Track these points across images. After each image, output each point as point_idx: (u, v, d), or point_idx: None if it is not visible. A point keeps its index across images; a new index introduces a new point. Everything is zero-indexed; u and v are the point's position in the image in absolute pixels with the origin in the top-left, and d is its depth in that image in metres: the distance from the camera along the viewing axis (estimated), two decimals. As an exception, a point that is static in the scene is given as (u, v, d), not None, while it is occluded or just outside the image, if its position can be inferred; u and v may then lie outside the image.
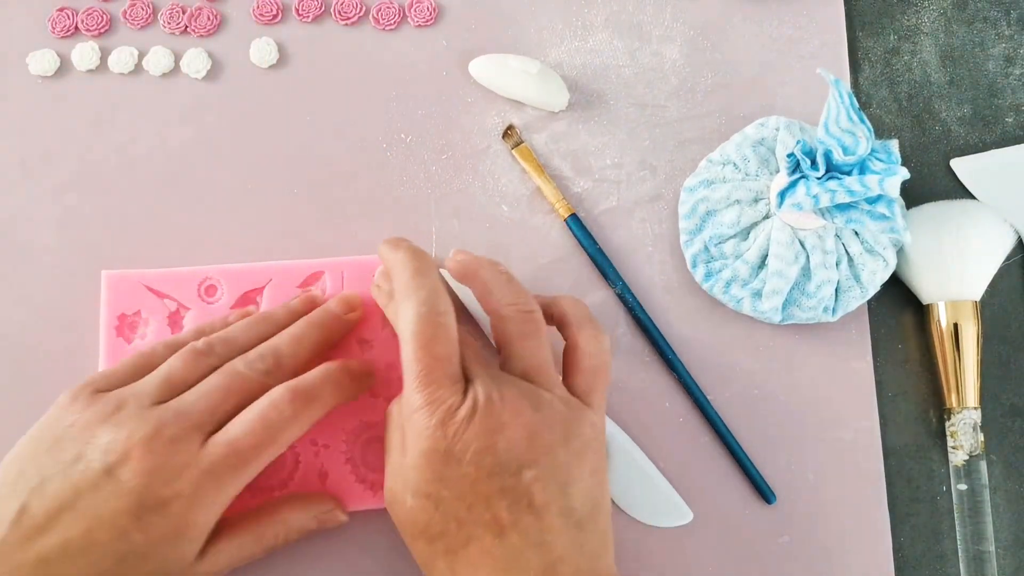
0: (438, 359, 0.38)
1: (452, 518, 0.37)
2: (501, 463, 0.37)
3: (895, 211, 0.45)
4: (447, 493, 0.37)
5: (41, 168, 0.50)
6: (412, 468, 0.38)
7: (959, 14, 0.53)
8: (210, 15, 0.52)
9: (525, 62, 0.49)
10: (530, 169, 0.49)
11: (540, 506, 0.37)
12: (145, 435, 0.38)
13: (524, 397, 0.39)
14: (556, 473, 0.38)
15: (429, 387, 0.38)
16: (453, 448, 0.37)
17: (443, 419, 0.37)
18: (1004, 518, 0.48)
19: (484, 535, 0.37)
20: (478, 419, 0.37)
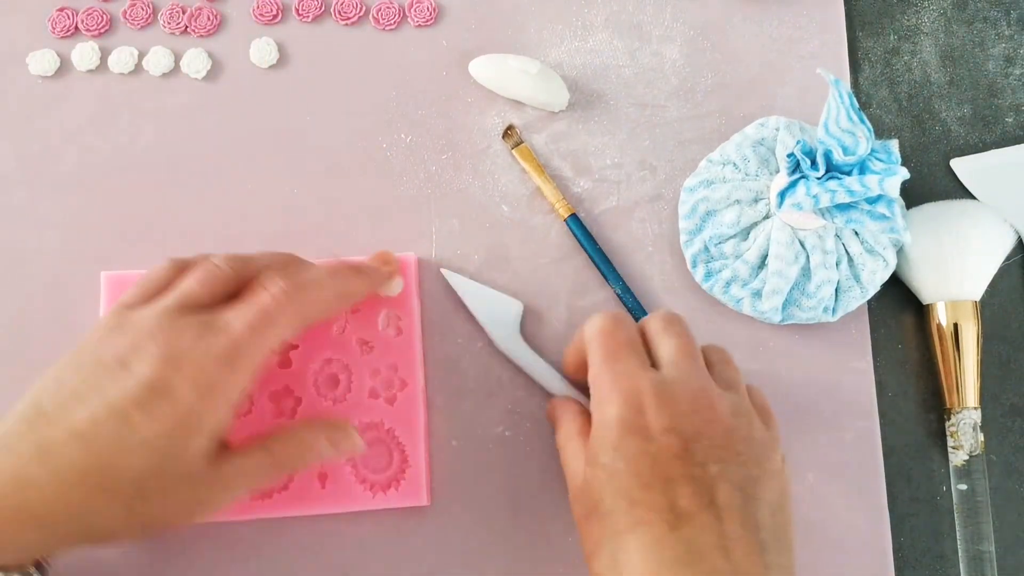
0: (620, 343, 0.39)
1: (624, 495, 0.35)
2: (685, 448, 0.35)
3: (895, 211, 0.45)
4: (622, 465, 0.36)
5: (41, 168, 0.50)
6: (593, 440, 0.37)
7: (959, 14, 0.53)
8: (210, 15, 0.52)
9: (525, 62, 0.49)
10: (530, 169, 0.49)
11: (723, 505, 0.35)
12: (157, 326, 0.38)
13: (727, 398, 0.38)
14: (746, 482, 0.36)
15: (614, 364, 0.38)
16: (639, 421, 0.36)
17: (630, 391, 0.37)
18: (1004, 518, 0.48)
19: (658, 521, 0.34)
20: (666, 397, 0.37)
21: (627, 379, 0.38)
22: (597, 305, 0.49)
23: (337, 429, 0.42)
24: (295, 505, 0.45)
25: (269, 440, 0.41)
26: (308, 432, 0.42)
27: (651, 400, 0.37)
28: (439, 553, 0.46)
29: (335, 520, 0.46)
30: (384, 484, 0.45)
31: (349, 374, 0.46)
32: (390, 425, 0.46)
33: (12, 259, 0.49)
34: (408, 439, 0.46)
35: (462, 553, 0.46)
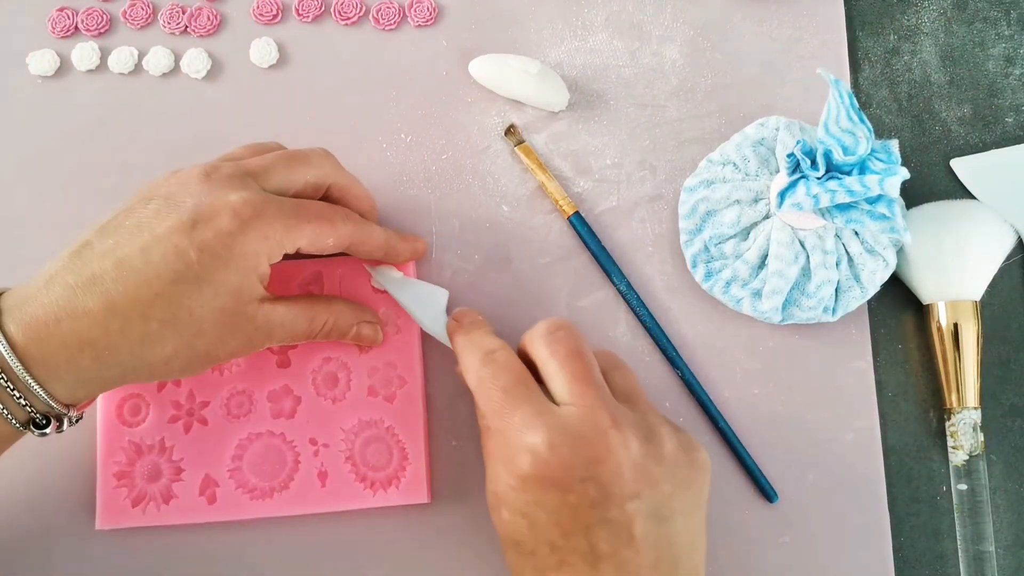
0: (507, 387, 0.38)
1: (545, 541, 0.37)
2: (607, 495, 0.36)
3: (895, 211, 0.45)
4: (544, 517, 0.36)
5: (41, 168, 0.50)
6: (510, 489, 0.37)
7: (959, 14, 0.53)
8: (210, 15, 0.52)
9: (525, 62, 0.49)
10: (532, 167, 0.49)
11: (640, 538, 0.36)
12: (203, 170, 0.40)
13: (633, 424, 0.38)
14: (660, 506, 0.37)
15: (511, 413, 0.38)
16: (553, 475, 0.36)
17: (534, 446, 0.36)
18: (1004, 518, 0.48)
19: (578, 563, 0.36)
20: (579, 446, 0.36)
21: (531, 432, 0.37)
22: (597, 305, 0.49)
23: (367, 316, 0.45)
24: (295, 504, 0.45)
25: (311, 304, 0.43)
26: (344, 309, 0.44)
27: (563, 452, 0.36)
28: (440, 550, 0.46)
29: (335, 518, 0.46)
30: (384, 482, 0.45)
31: (348, 372, 0.46)
32: (389, 423, 0.46)
33: (12, 259, 0.49)
34: (408, 437, 0.46)
35: (463, 550, 0.46)
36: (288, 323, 0.42)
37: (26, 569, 0.46)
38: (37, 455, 0.47)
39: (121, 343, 0.38)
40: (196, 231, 0.38)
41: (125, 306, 0.37)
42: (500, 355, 0.40)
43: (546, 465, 0.36)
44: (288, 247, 0.40)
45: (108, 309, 0.37)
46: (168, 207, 0.39)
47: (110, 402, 0.46)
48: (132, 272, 0.37)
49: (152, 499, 0.45)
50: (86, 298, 0.37)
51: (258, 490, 0.45)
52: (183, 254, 0.38)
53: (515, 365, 0.40)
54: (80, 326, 0.37)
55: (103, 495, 0.45)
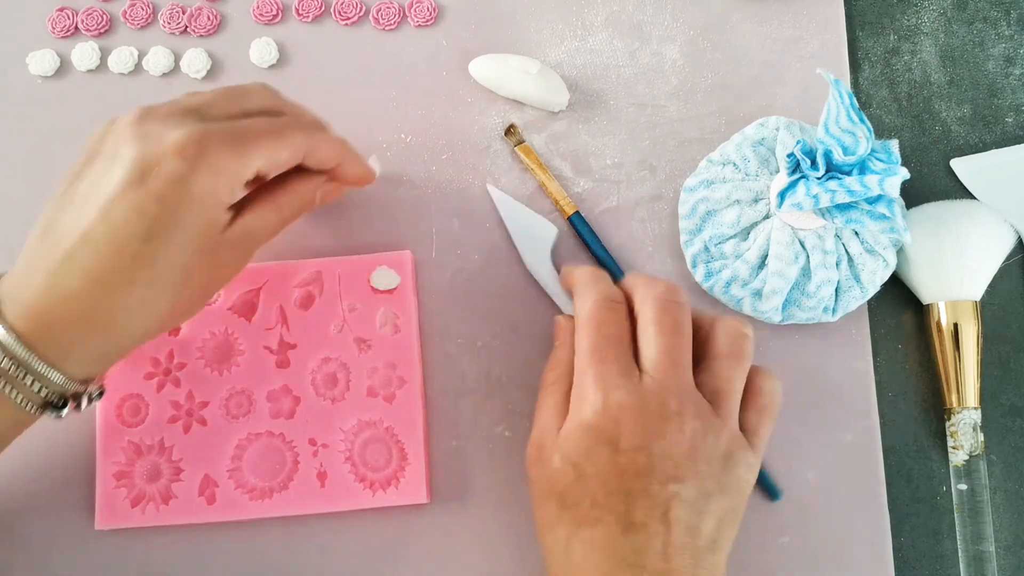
0: (609, 338, 0.40)
1: (588, 495, 0.38)
2: (653, 468, 0.38)
3: (895, 211, 0.45)
4: (592, 471, 0.38)
5: (41, 168, 0.50)
6: (568, 435, 0.39)
7: (959, 14, 0.53)
8: (210, 15, 0.52)
9: (525, 62, 0.49)
10: (533, 166, 0.49)
11: (673, 520, 0.37)
12: (136, 114, 0.39)
13: (699, 417, 0.39)
14: (699, 498, 0.38)
15: (599, 363, 0.39)
16: (610, 432, 0.38)
17: (607, 401, 0.38)
18: (1004, 518, 0.48)
19: (612, 524, 0.37)
20: (643, 418, 0.38)
21: (609, 387, 0.39)
22: (597, 305, 0.49)
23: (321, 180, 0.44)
24: (295, 505, 0.45)
25: (271, 195, 0.42)
26: (300, 182, 0.43)
27: (627, 416, 0.38)
28: (439, 550, 0.46)
29: (335, 519, 0.46)
30: (384, 482, 0.45)
31: (347, 373, 0.46)
32: (389, 423, 0.46)
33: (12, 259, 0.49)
34: (407, 437, 0.46)
35: (462, 550, 0.46)
36: (262, 225, 0.41)
37: (26, 569, 0.46)
38: (37, 455, 0.47)
39: (118, 312, 0.38)
40: (147, 182, 0.37)
41: (108, 277, 0.37)
42: (620, 308, 0.41)
43: (610, 420, 0.38)
44: (245, 174, 0.39)
45: (93, 284, 0.37)
46: (111, 162, 0.37)
47: (109, 402, 0.46)
48: (101, 242, 0.37)
49: (151, 499, 0.45)
50: (68, 279, 0.37)
51: (257, 490, 0.45)
52: (144, 210, 0.37)
53: (625, 324, 0.41)
54: (72, 306, 0.37)
55: (102, 495, 0.45)
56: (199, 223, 0.38)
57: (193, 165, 0.37)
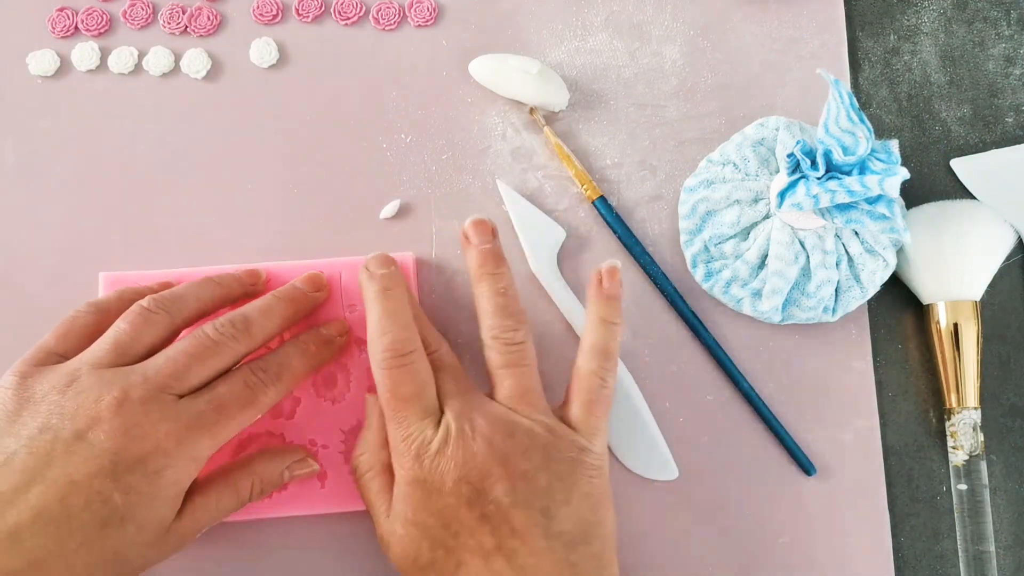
0: (405, 400, 0.40)
1: (440, 545, 0.38)
2: (477, 491, 0.38)
3: (895, 211, 0.45)
4: (433, 521, 0.39)
5: (40, 168, 0.50)
6: (400, 499, 0.40)
7: (959, 14, 0.53)
8: (210, 15, 0.52)
9: (525, 62, 0.49)
10: (560, 148, 0.49)
11: (522, 530, 0.38)
12: (114, 398, 0.37)
13: (498, 425, 0.39)
14: (535, 497, 0.38)
15: (402, 425, 0.40)
16: (432, 478, 0.39)
17: (418, 452, 0.39)
18: (1004, 518, 0.48)
19: (472, 559, 0.38)
20: (451, 450, 0.39)
21: (413, 441, 0.39)
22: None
23: (292, 457, 0.44)
24: (294, 505, 0.45)
25: (229, 478, 0.42)
26: (264, 465, 0.43)
27: (437, 458, 0.39)
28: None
29: (334, 519, 0.46)
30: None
31: (347, 373, 0.46)
32: (389, 425, 0.46)
33: (12, 259, 0.49)
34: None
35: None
36: (215, 511, 0.41)
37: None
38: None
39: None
40: (120, 475, 0.36)
41: (48, 561, 0.35)
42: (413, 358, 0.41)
43: (425, 469, 0.39)
44: (214, 451, 0.39)
45: (31, 566, 0.35)
46: (83, 448, 0.36)
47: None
48: (53, 525, 0.35)
49: None
50: (7, 559, 0.35)
51: None
52: (107, 500, 0.36)
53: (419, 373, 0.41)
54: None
55: None
56: (158, 515, 0.38)
57: (171, 459, 0.37)
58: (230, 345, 0.40)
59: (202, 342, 0.40)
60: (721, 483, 0.47)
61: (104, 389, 0.37)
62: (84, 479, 0.36)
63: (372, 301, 0.42)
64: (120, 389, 0.37)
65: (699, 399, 0.48)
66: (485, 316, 0.42)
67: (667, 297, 0.48)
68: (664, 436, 0.47)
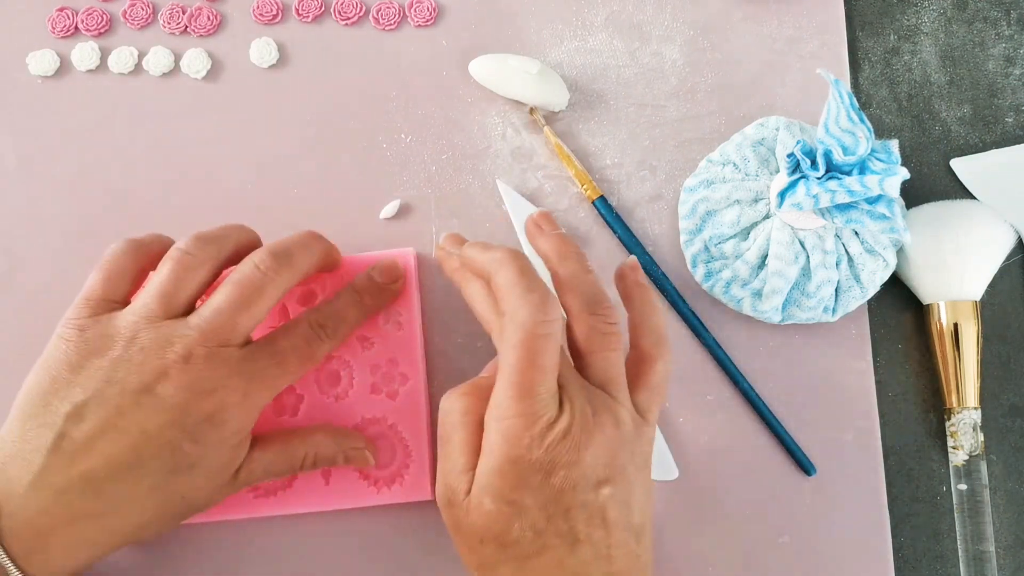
0: (542, 371, 0.37)
1: (531, 527, 0.37)
2: (586, 478, 0.37)
3: (895, 211, 0.45)
4: (531, 502, 0.37)
5: (41, 168, 0.50)
6: (496, 472, 0.37)
7: (959, 14, 0.53)
8: (210, 15, 0.52)
9: (525, 62, 0.49)
10: (560, 148, 0.49)
11: (612, 522, 0.38)
12: (178, 355, 0.38)
13: (607, 412, 0.38)
14: (625, 490, 0.38)
15: (527, 399, 0.37)
16: (544, 460, 0.37)
17: (541, 432, 0.37)
18: (1004, 518, 0.48)
19: (559, 545, 0.37)
20: (572, 434, 0.37)
21: (537, 420, 0.37)
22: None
23: (353, 442, 0.44)
24: (299, 502, 0.45)
25: (288, 441, 0.43)
26: (324, 439, 0.44)
27: (557, 439, 0.37)
28: (444, 547, 0.46)
29: (340, 516, 0.46)
30: (388, 479, 0.45)
31: (350, 370, 0.46)
32: (392, 420, 0.46)
33: (12, 259, 0.49)
34: (411, 434, 0.46)
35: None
36: (269, 469, 0.42)
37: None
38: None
39: (117, 529, 0.39)
40: (188, 427, 0.38)
41: (122, 502, 0.38)
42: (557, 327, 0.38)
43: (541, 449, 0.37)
44: (275, 396, 0.41)
45: (106, 508, 0.38)
46: (152, 400, 0.38)
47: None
48: (126, 470, 0.38)
49: None
50: (83, 502, 0.37)
51: (262, 488, 0.45)
52: (177, 448, 0.38)
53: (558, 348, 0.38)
54: (78, 528, 0.38)
55: None
56: (222, 460, 0.40)
57: (235, 408, 0.39)
58: (275, 280, 0.40)
59: (248, 284, 0.40)
60: (721, 483, 0.47)
61: (166, 344, 0.38)
62: (155, 430, 0.38)
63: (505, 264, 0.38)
64: (183, 346, 0.38)
65: (699, 399, 0.48)
66: (579, 294, 0.40)
67: (667, 297, 0.48)
68: (664, 436, 0.47)
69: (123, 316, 0.40)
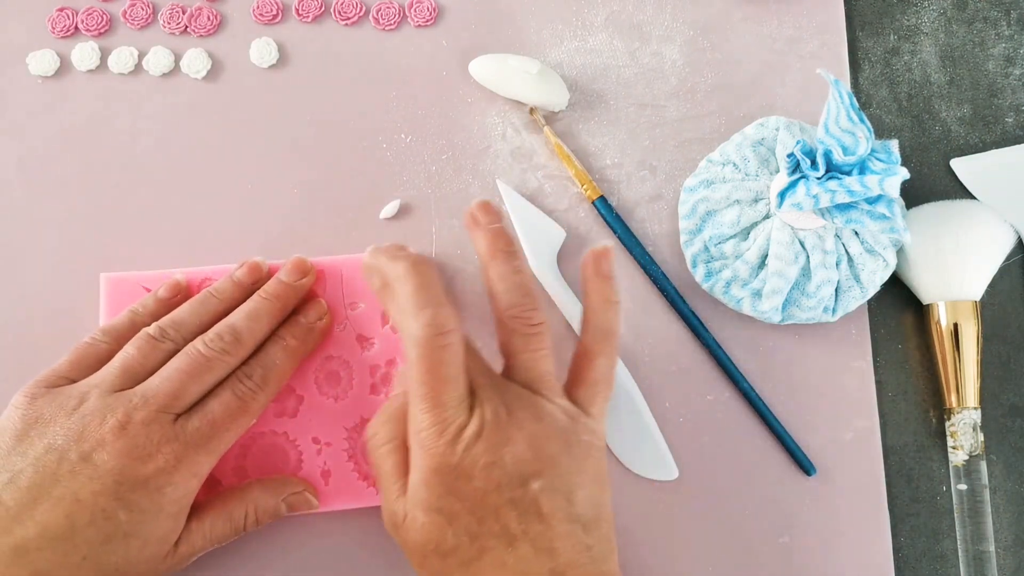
0: (445, 381, 0.38)
1: (465, 532, 0.37)
2: (509, 475, 0.37)
3: (895, 211, 0.45)
4: (459, 507, 0.37)
5: (41, 168, 0.50)
6: (422, 485, 0.38)
7: (959, 14, 0.53)
8: (210, 15, 0.52)
9: (525, 62, 0.49)
10: (560, 148, 0.49)
11: (547, 514, 0.37)
12: (117, 420, 0.39)
13: (527, 409, 0.39)
14: (560, 482, 0.38)
15: (436, 409, 0.38)
16: (463, 464, 0.37)
17: (452, 438, 0.37)
18: (1004, 518, 0.48)
19: (496, 546, 0.37)
20: (485, 435, 0.38)
21: (449, 427, 0.38)
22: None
23: (291, 489, 0.44)
24: None
25: (226, 505, 0.43)
26: (262, 495, 0.44)
27: (472, 443, 0.37)
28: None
29: (340, 517, 0.46)
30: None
31: (350, 371, 0.46)
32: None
33: (12, 259, 0.49)
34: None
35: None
36: (210, 536, 0.42)
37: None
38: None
39: None
40: (123, 494, 0.38)
41: (53, 574, 0.37)
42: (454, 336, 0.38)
43: (458, 456, 0.37)
44: (215, 461, 0.41)
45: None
46: (87, 468, 0.38)
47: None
48: (58, 540, 0.37)
49: None
50: (12, 571, 0.36)
51: None
52: (111, 517, 0.38)
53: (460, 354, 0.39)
54: None
55: None
56: (161, 530, 0.39)
57: (172, 476, 0.39)
58: (222, 359, 0.41)
59: (195, 360, 0.41)
60: (721, 483, 0.47)
61: (108, 412, 0.39)
62: (89, 497, 0.37)
63: (402, 278, 0.39)
64: (123, 412, 0.39)
65: (699, 399, 0.48)
66: (501, 296, 0.41)
67: (667, 297, 0.48)
68: (664, 436, 0.47)
69: (78, 386, 0.40)
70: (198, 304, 0.44)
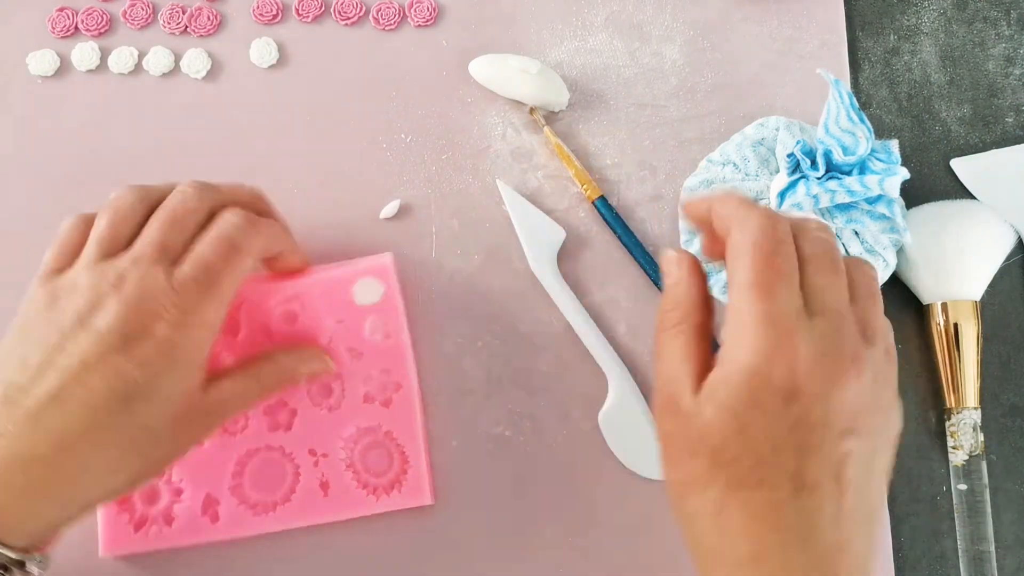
0: (780, 274, 0.33)
1: (751, 451, 0.33)
2: (829, 420, 0.33)
3: (895, 211, 0.45)
4: (757, 423, 0.33)
5: (41, 168, 0.50)
6: (724, 381, 0.33)
7: (959, 14, 0.53)
8: (210, 15, 0.52)
9: (525, 62, 0.49)
10: (560, 148, 0.49)
11: (846, 481, 0.33)
12: (110, 284, 0.37)
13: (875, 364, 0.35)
14: (870, 455, 0.34)
15: (767, 301, 0.33)
16: (784, 380, 0.32)
17: (779, 341, 0.33)
18: (1004, 518, 0.48)
19: (782, 485, 0.32)
20: (824, 360, 0.33)
21: (781, 329, 0.33)
22: (600, 305, 0.49)
23: (310, 352, 0.44)
24: (298, 517, 0.45)
25: (253, 366, 0.42)
26: (287, 358, 0.43)
27: (804, 361, 0.33)
28: (447, 551, 0.46)
29: (341, 528, 0.45)
30: (387, 487, 0.45)
31: (342, 382, 0.45)
32: (388, 428, 0.45)
33: (12, 259, 0.49)
34: (407, 440, 0.45)
35: (469, 549, 0.46)
36: (238, 395, 0.41)
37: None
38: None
39: (81, 479, 0.37)
40: (130, 350, 0.36)
41: (76, 442, 0.36)
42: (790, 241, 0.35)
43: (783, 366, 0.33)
44: (224, 314, 0.40)
45: (59, 450, 0.35)
46: (89, 333, 0.36)
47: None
48: (75, 404, 0.36)
49: (154, 522, 0.44)
50: (31, 444, 0.35)
51: (260, 505, 0.45)
52: (124, 375, 0.36)
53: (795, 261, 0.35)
54: (32, 476, 0.35)
55: (105, 521, 0.44)
56: (179, 384, 0.38)
57: (180, 327, 0.37)
58: (198, 200, 0.40)
59: (171, 208, 0.39)
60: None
61: (99, 279, 0.38)
62: (96, 359, 0.36)
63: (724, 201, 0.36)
64: (115, 274, 0.38)
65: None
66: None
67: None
68: (664, 436, 0.47)
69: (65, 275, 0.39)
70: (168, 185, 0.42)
